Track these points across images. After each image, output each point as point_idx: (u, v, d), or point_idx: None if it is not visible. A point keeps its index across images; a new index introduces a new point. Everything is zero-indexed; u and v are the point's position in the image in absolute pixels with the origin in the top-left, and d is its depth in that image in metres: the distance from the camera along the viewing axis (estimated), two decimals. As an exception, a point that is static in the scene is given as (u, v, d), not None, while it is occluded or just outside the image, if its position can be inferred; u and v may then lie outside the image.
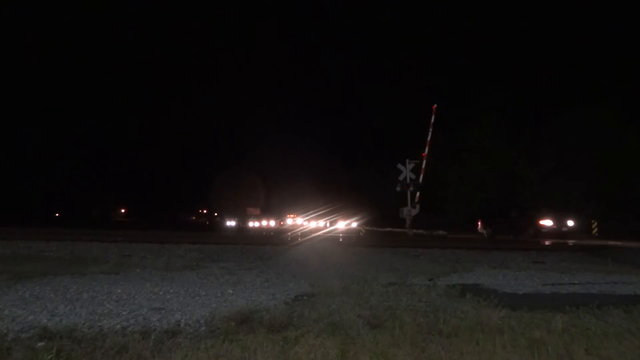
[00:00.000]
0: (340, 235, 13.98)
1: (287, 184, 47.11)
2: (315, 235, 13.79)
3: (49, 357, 2.40)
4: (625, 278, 5.67)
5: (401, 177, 17.93)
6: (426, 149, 18.02)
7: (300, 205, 32.91)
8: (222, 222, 32.94)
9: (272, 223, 32.33)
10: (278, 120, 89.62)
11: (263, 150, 79.21)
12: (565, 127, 23.11)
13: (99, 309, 3.48)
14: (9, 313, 3.25)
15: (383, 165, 29.71)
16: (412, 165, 17.79)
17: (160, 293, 4.23)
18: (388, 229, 23.26)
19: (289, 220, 33.28)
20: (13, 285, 4.48)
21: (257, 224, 32.03)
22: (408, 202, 17.75)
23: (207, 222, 48.63)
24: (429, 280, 5.28)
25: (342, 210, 26.28)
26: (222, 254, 7.77)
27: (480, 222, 18.71)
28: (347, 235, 14.24)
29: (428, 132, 18.04)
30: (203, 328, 3.06)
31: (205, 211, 74.11)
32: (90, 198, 61.82)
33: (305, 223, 28.36)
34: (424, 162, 17.84)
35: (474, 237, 16.69)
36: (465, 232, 21.49)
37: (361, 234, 15.72)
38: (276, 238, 12.64)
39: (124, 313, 3.35)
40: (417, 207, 17.65)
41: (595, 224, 16.17)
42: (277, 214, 36.03)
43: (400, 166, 17.99)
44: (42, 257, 7.08)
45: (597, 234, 15.73)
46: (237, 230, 25.32)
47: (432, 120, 18.08)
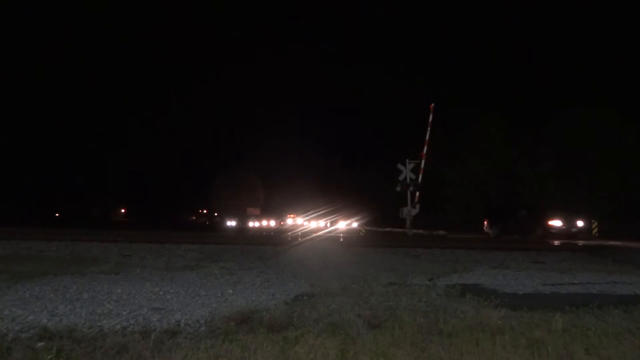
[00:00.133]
0: (340, 235, 13.98)
1: (287, 184, 47.10)
2: (316, 236, 13.78)
3: (49, 357, 2.40)
4: (625, 278, 5.67)
5: (401, 177, 17.92)
6: (425, 148, 17.99)
7: (300, 205, 32.91)
8: (223, 222, 32.93)
9: (272, 223, 32.31)
10: (278, 120, 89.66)
11: (263, 150, 79.27)
12: (565, 127, 23.12)
13: (99, 309, 3.48)
14: (9, 313, 3.25)
15: (383, 165, 29.72)
16: (412, 165, 17.78)
17: (160, 293, 4.23)
18: (388, 229, 23.26)
19: (289, 220, 33.27)
20: (13, 285, 4.47)
21: (257, 224, 32.02)
22: (408, 202, 17.74)
23: (207, 222, 48.62)
24: (429, 280, 5.28)
25: (342, 210, 26.27)
26: (222, 254, 7.76)
27: (486, 222, 18.46)
28: (348, 235, 14.24)
29: (426, 131, 18.00)
30: (203, 328, 3.06)
31: (205, 211, 74.09)
32: (90, 198, 61.87)
33: (306, 223, 28.36)
34: (422, 161, 17.82)
35: (474, 237, 16.67)
36: (465, 232, 21.47)
37: (361, 234, 15.72)
38: (276, 238, 12.63)
39: (124, 313, 3.35)
40: (417, 207, 17.63)
41: (596, 224, 16.14)
42: (277, 214, 36.02)
43: (400, 166, 17.99)
44: (42, 257, 7.07)
45: (597, 234, 15.71)
46: (238, 230, 25.34)
47: (430, 120, 18.04)
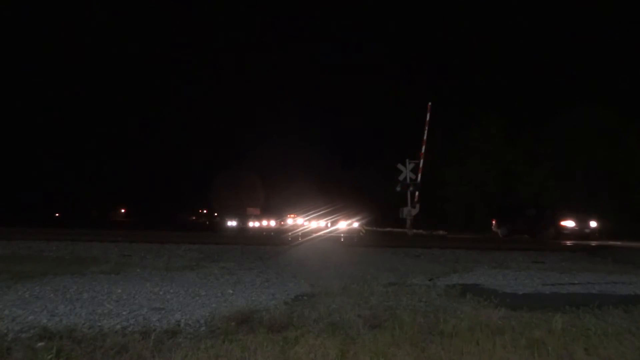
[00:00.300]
0: (341, 235, 13.98)
1: (287, 184, 47.07)
2: (316, 236, 13.77)
3: (49, 357, 2.40)
4: (625, 278, 5.67)
5: (401, 177, 17.92)
6: (423, 147, 17.95)
7: (300, 205, 32.86)
8: (224, 222, 32.94)
9: (272, 223, 32.29)
10: (278, 120, 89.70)
11: (263, 150, 79.32)
12: (565, 127, 23.12)
13: (99, 309, 3.48)
14: (9, 313, 3.25)
15: (383, 165, 29.72)
16: (412, 165, 17.77)
17: (160, 293, 4.22)
18: (388, 229, 23.27)
19: (290, 220, 33.23)
20: (13, 285, 4.47)
21: (257, 224, 32.00)
22: (408, 202, 17.74)
23: (207, 222, 48.64)
24: (429, 280, 5.28)
25: (343, 210, 26.22)
26: (222, 254, 7.76)
27: (494, 221, 18.09)
28: (348, 235, 14.23)
29: (424, 130, 17.96)
30: (203, 328, 3.05)
31: (205, 211, 74.14)
32: (90, 198, 61.94)
33: (306, 223, 28.31)
34: (421, 161, 17.78)
35: (475, 237, 16.67)
36: (465, 232, 21.47)
37: (361, 234, 15.72)
38: (276, 238, 12.63)
39: (124, 313, 3.34)
40: (417, 207, 17.62)
41: (596, 225, 16.13)
42: (278, 214, 35.99)
43: (400, 166, 17.99)
44: (42, 257, 7.06)
45: (597, 234, 15.70)
46: (239, 230, 25.36)
47: (427, 119, 17.99)
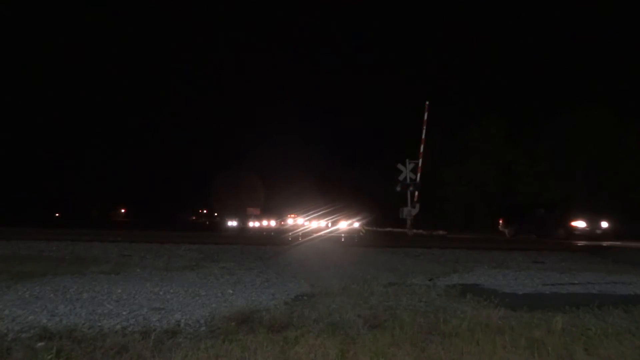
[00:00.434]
0: (342, 235, 13.97)
1: (288, 184, 47.09)
2: (317, 236, 13.75)
3: (49, 357, 2.39)
4: (625, 278, 5.67)
5: (401, 177, 17.90)
6: (421, 147, 17.91)
7: (301, 205, 32.83)
8: (224, 222, 32.97)
9: (272, 223, 32.27)
10: (278, 120, 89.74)
11: (263, 150, 79.35)
12: (565, 127, 23.13)
13: (99, 309, 3.48)
14: (9, 313, 3.25)
15: (383, 165, 29.72)
16: (412, 165, 17.76)
17: (160, 293, 4.22)
18: (388, 229, 23.28)
19: (290, 220, 33.21)
20: (13, 285, 4.47)
21: (257, 224, 31.99)
22: (408, 202, 17.73)
23: (207, 222, 48.67)
24: (429, 280, 5.28)
25: (343, 210, 26.19)
26: (222, 254, 7.76)
27: (501, 221, 17.91)
28: (349, 235, 14.23)
29: (422, 129, 17.94)
30: (203, 328, 3.05)
31: (205, 211, 74.22)
32: (90, 198, 61.98)
33: (307, 223, 28.27)
34: (420, 160, 17.77)
35: (475, 237, 16.67)
36: (465, 232, 21.48)
37: (361, 233, 15.73)
38: (276, 238, 12.63)
39: (124, 313, 3.34)
40: (417, 207, 17.60)
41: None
42: (278, 214, 35.97)
43: (400, 166, 17.97)
44: (42, 257, 7.06)
45: (608, 235, 15.58)
46: (239, 230, 25.37)
47: (425, 118, 17.97)
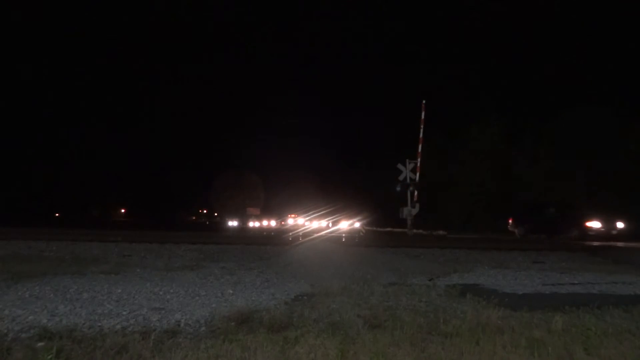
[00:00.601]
0: (342, 235, 13.97)
1: (288, 183, 47.07)
2: (317, 236, 13.73)
3: (49, 357, 2.40)
4: (625, 278, 5.67)
5: (401, 177, 17.90)
6: (419, 146, 17.90)
7: (301, 205, 32.82)
8: (225, 222, 33.06)
9: (272, 223, 32.27)
10: (278, 120, 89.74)
11: (263, 150, 79.39)
12: (565, 127, 23.12)
13: (99, 309, 3.48)
14: (9, 313, 3.25)
15: (383, 165, 29.70)
16: (412, 165, 17.76)
17: (160, 293, 4.22)
18: (388, 229, 23.28)
19: (290, 220, 33.19)
20: (13, 285, 4.47)
21: (257, 224, 32.01)
22: (408, 202, 17.73)
23: (207, 222, 48.70)
24: (429, 280, 5.28)
25: (344, 210, 26.19)
26: (222, 254, 7.75)
27: (511, 220, 17.57)
28: (349, 235, 14.22)
29: (420, 129, 17.92)
30: (203, 328, 3.05)
31: (205, 211, 74.27)
32: (90, 198, 61.97)
33: (307, 223, 28.23)
34: (418, 160, 17.76)
35: (475, 237, 16.67)
36: (465, 232, 21.48)
37: (361, 233, 15.72)
38: (277, 238, 12.62)
39: (124, 313, 3.34)
40: (417, 207, 17.61)
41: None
42: (278, 214, 35.98)
43: (400, 166, 17.97)
44: (42, 257, 7.06)
45: (624, 235, 15.48)
46: (240, 230, 25.40)
47: (422, 117, 17.96)
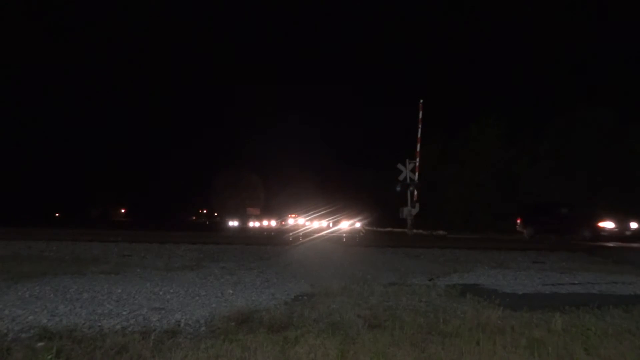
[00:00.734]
0: (343, 235, 13.97)
1: (288, 183, 47.04)
2: (317, 236, 13.73)
3: (49, 357, 2.40)
4: (625, 278, 5.67)
5: (401, 177, 17.90)
6: (418, 145, 17.89)
7: (302, 205, 32.79)
8: (226, 222, 33.07)
9: (272, 223, 32.24)
10: (278, 119, 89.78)
11: (263, 150, 79.42)
12: (565, 127, 23.13)
13: (99, 309, 3.48)
14: (9, 313, 3.25)
15: (383, 165, 29.71)
16: (412, 165, 17.76)
17: (160, 293, 4.23)
18: (388, 229, 23.27)
19: (291, 220, 33.16)
20: (13, 285, 4.47)
21: (257, 224, 31.99)
22: (408, 202, 17.73)
23: (207, 222, 48.69)
24: (429, 280, 5.28)
25: (345, 210, 26.16)
26: (222, 254, 7.75)
27: (519, 220, 17.33)
28: (350, 235, 14.22)
29: (418, 128, 17.91)
30: (203, 328, 3.06)
31: (205, 211, 74.24)
32: (90, 198, 61.97)
33: (308, 223, 28.19)
34: (417, 159, 17.75)
35: (475, 237, 16.66)
36: (465, 232, 21.48)
37: (361, 233, 15.72)
38: (277, 238, 12.62)
39: (124, 313, 3.35)
40: (417, 207, 17.60)
41: None
42: (279, 214, 35.95)
43: (400, 166, 17.97)
44: (42, 257, 7.06)
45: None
46: (240, 230, 25.40)
47: (420, 116, 17.95)
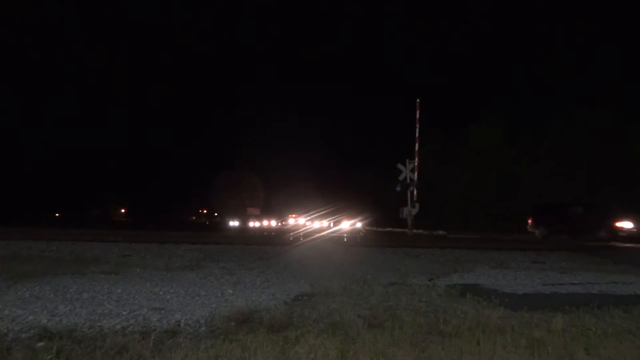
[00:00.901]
0: (343, 235, 13.97)
1: (288, 184, 47.06)
2: (318, 236, 13.72)
3: (49, 357, 2.40)
4: (625, 278, 5.67)
5: (401, 177, 17.90)
6: (416, 145, 17.87)
7: (302, 205, 32.78)
8: (225, 222, 33.10)
9: (273, 223, 32.23)
10: (278, 119, 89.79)
11: (263, 150, 79.46)
12: (565, 127, 23.14)
13: (99, 309, 3.48)
14: (9, 313, 3.25)
15: (383, 165, 29.72)
16: (412, 165, 17.75)
17: (160, 293, 4.22)
18: (388, 229, 23.27)
19: (291, 220, 33.15)
20: (13, 285, 4.47)
21: (257, 224, 31.98)
22: (408, 202, 17.72)
23: (207, 222, 48.69)
24: (429, 280, 5.28)
25: (345, 210, 26.15)
26: (222, 254, 7.75)
27: (530, 220, 17.03)
28: (350, 235, 14.22)
29: (415, 128, 17.89)
30: (203, 328, 3.06)
31: (205, 211, 74.26)
32: (90, 198, 61.98)
33: (308, 223, 28.17)
34: (416, 159, 17.74)
35: (475, 237, 16.66)
36: (465, 232, 21.48)
37: (361, 233, 15.72)
38: (277, 238, 12.62)
39: (124, 313, 3.35)
40: (417, 207, 17.59)
41: None
42: (279, 214, 35.96)
43: (400, 166, 17.97)
44: (42, 257, 7.06)
45: None
46: (240, 230, 25.41)
47: (417, 116, 17.93)
